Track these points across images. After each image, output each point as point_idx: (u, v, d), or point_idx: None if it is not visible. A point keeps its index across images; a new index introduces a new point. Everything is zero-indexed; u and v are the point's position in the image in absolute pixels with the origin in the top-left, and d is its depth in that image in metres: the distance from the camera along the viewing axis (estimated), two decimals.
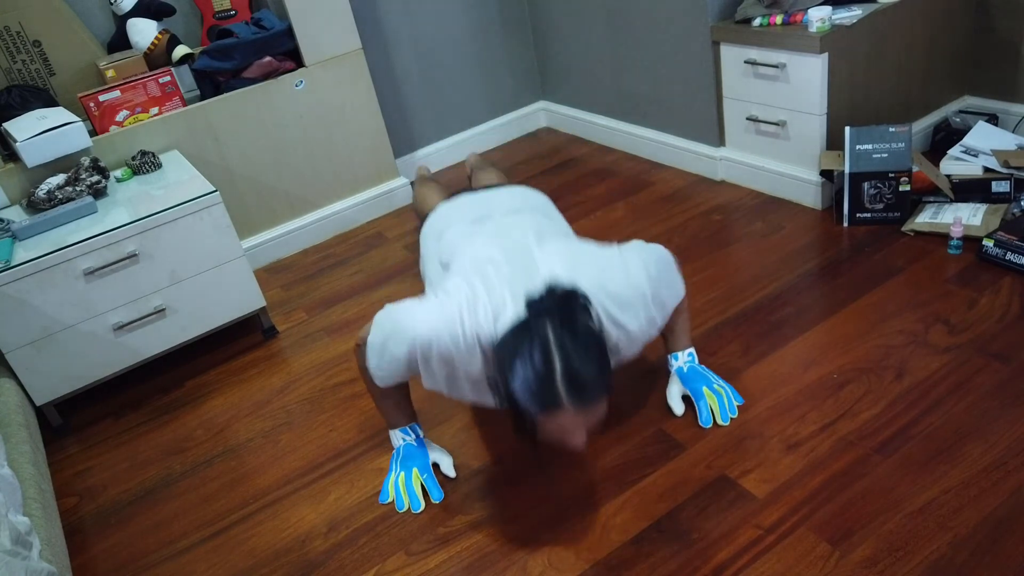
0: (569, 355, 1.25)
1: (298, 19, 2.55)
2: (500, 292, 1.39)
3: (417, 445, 1.69)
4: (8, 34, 2.37)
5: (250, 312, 2.27)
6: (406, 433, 1.70)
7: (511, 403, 1.31)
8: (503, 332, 1.33)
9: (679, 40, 2.56)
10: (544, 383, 1.24)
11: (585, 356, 1.26)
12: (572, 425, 1.29)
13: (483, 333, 1.37)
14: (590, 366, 1.26)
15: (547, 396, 1.25)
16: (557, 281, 1.36)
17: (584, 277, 1.42)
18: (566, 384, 1.24)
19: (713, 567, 1.37)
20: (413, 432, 1.70)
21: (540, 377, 1.24)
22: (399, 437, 1.70)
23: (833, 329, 1.87)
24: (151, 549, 1.68)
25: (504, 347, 1.30)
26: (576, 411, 1.26)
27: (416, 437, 1.70)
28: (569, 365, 1.24)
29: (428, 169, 2.84)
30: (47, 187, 2.18)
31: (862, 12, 2.18)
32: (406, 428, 1.70)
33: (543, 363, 1.24)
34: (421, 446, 1.70)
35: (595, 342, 1.30)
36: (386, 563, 1.52)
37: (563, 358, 1.24)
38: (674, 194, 2.65)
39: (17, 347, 1.97)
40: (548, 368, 1.24)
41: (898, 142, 2.12)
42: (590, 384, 1.26)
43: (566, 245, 1.52)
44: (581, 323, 1.30)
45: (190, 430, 2.02)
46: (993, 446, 1.48)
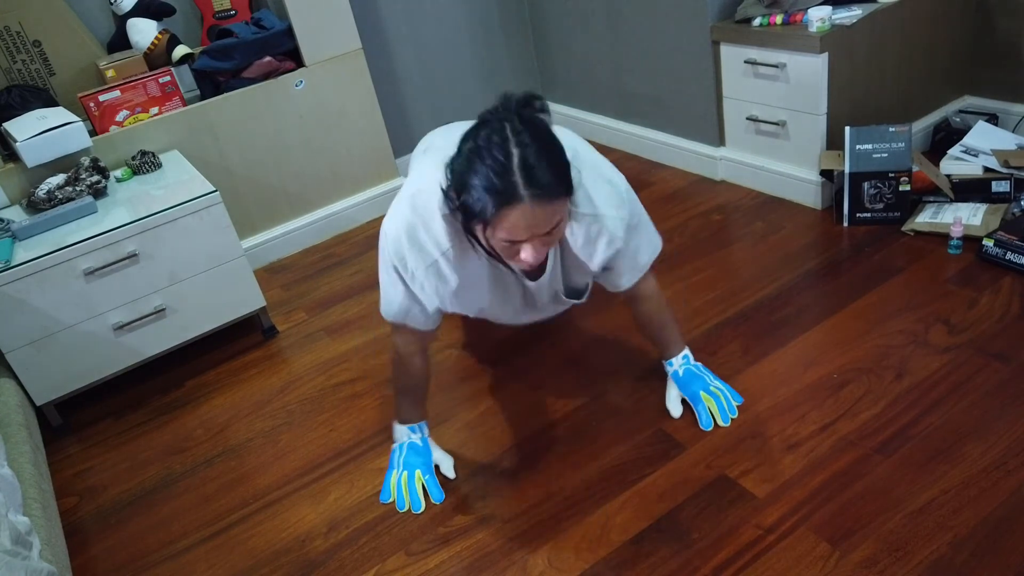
0: (526, 146, 1.20)
1: (298, 19, 2.55)
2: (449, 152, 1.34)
3: (422, 445, 1.70)
4: (8, 34, 2.37)
5: (250, 312, 2.27)
6: (413, 431, 1.70)
7: (464, 210, 1.26)
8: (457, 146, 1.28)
9: (679, 40, 2.56)
10: (501, 172, 1.19)
11: (543, 149, 1.22)
12: (529, 223, 1.22)
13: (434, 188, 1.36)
14: (548, 158, 1.22)
15: (504, 185, 1.19)
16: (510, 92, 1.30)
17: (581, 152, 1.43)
18: (523, 173, 1.19)
19: (713, 567, 1.37)
20: (420, 431, 1.70)
21: (497, 166, 1.19)
22: (405, 433, 1.70)
23: (833, 329, 1.87)
24: (151, 549, 1.68)
25: (459, 151, 1.26)
26: (533, 204, 1.20)
27: (422, 437, 1.70)
28: (525, 155, 1.19)
29: None
30: (47, 187, 2.18)
31: (862, 12, 2.18)
32: (414, 426, 1.70)
33: (501, 152, 1.19)
34: (425, 446, 1.70)
35: (554, 141, 1.25)
36: (386, 563, 1.52)
37: (520, 147, 1.20)
38: (674, 194, 2.65)
39: (17, 347, 1.97)
40: (506, 157, 1.19)
41: (898, 142, 2.12)
42: (548, 175, 1.21)
43: None
44: (540, 121, 1.26)
45: (190, 430, 2.02)
46: (993, 446, 1.48)
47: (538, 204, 1.21)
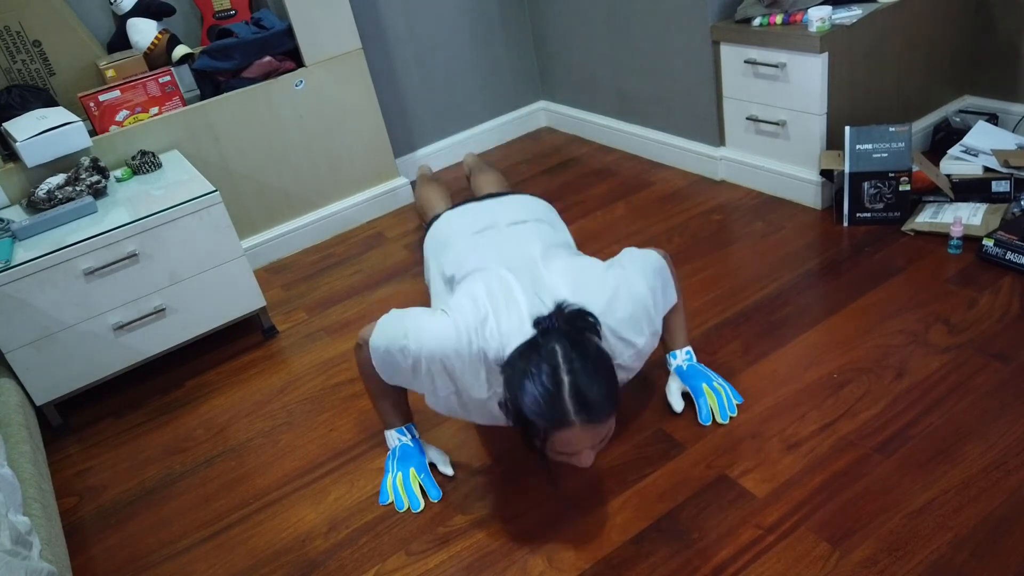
0: (577, 372, 1.28)
1: (298, 19, 2.55)
2: (508, 311, 1.41)
3: (413, 445, 1.70)
4: (8, 34, 2.37)
5: (250, 312, 2.27)
6: (402, 433, 1.70)
7: (519, 421, 1.32)
8: (511, 351, 1.35)
9: (679, 40, 2.56)
10: (552, 400, 1.27)
11: (593, 373, 1.29)
12: (580, 441, 1.31)
13: (490, 351, 1.39)
14: (598, 383, 1.29)
15: (556, 412, 1.27)
16: (565, 301, 1.39)
17: (590, 297, 1.44)
18: (574, 401, 1.27)
19: (713, 567, 1.37)
20: (409, 432, 1.70)
21: (549, 394, 1.27)
22: (395, 438, 1.70)
23: (833, 329, 1.87)
24: (151, 549, 1.68)
25: (513, 366, 1.32)
26: (584, 427, 1.28)
27: (412, 437, 1.70)
28: (577, 382, 1.27)
29: (430, 168, 2.84)
30: (47, 187, 2.18)
31: (862, 12, 2.18)
32: (402, 429, 1.70)
33: (551, 380, 1.27)
34: (417, 446, 1.70)
35: (603, 359, 1.33)
36: (386, 563, 1.52)
37: (571, 375, 1.27)
38: (674, 194, 2.65)
39: (17, 347, 1.97)
40: (556, 385, 1.27)
41: (898, 142, 2.12)
42: (598, 400, 1.28)
43: (571, 263, 1.54)
44: (589, 342, 1.33)
45: (190, 430, 2.02)
46: (993, 446, 1.48)
47: (589, 427, 1.29)
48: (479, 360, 1.40)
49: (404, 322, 1.48)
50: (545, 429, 1.29)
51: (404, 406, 1.71)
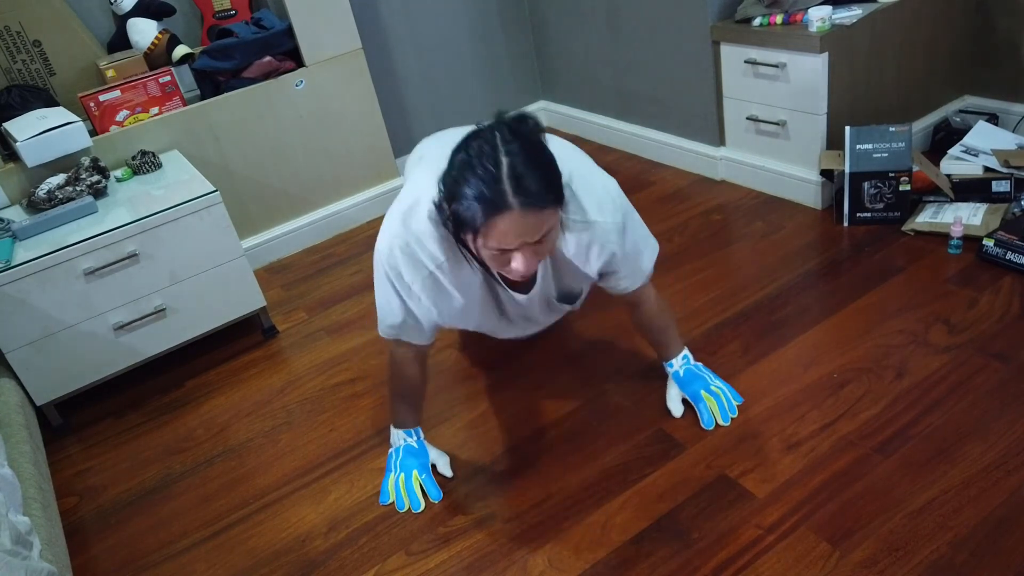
0: (514, 153, 1.21)
1: (298, 19, 2.55)
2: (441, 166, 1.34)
3: (417, 447, 1.70)
4: (8, 34, 2.37)
5: (250, 312, 2.27)
6: (408, 435, 1.70)
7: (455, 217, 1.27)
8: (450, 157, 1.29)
9: (679, 40, 2.56)
10: (490, 182, 1.20)
11: (533, 156, 1.22)
12: (517, 231, 1.22)
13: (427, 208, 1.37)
14: (538, 165, 1.23)
15: (493, 197, 1.20)
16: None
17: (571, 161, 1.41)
18: (512, 182, 1.19)
19: (713, 567, 1.37)
20: (415, 435, 1.71)
21: (487, 175, 1.20)
22: (400, 437, 1.70)
23: (833, 329, 1.87)
24: (151, 549, 1.68)
25: (451, 167, 1.26)
26: (522, 212, 1.20)
27: (417, 439, 1.70)
28: (514, 162, 1.20)
29: None
30: (47, 187, 2.18)
31: (862, 12, 2.18)
32: (410, 430, 1.70)
33: (491, 161, 1.20)
34: (421, 447, 1.70)
35: (543, 148, 1.26)
36: (386, 563, 1.52)
37: (509, 155, 1.20)
38: (674, 194, 2.65)
39: (17, 347, 1.97)
40: (495, 165, 1.20)
41: (898, 142, 2.12)
42: (537, 183, 1.21)
43: None
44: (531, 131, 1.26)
45: (190, 430, 2.02)
46: (993, 446, 1.48)
47: (528, 212, 1.21)
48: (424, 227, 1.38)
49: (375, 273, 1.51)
50: (482, 220, 1.21)
51: (418, 409, 1.71)
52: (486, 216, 1.21)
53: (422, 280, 1.44)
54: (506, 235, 1.23)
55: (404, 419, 1.70)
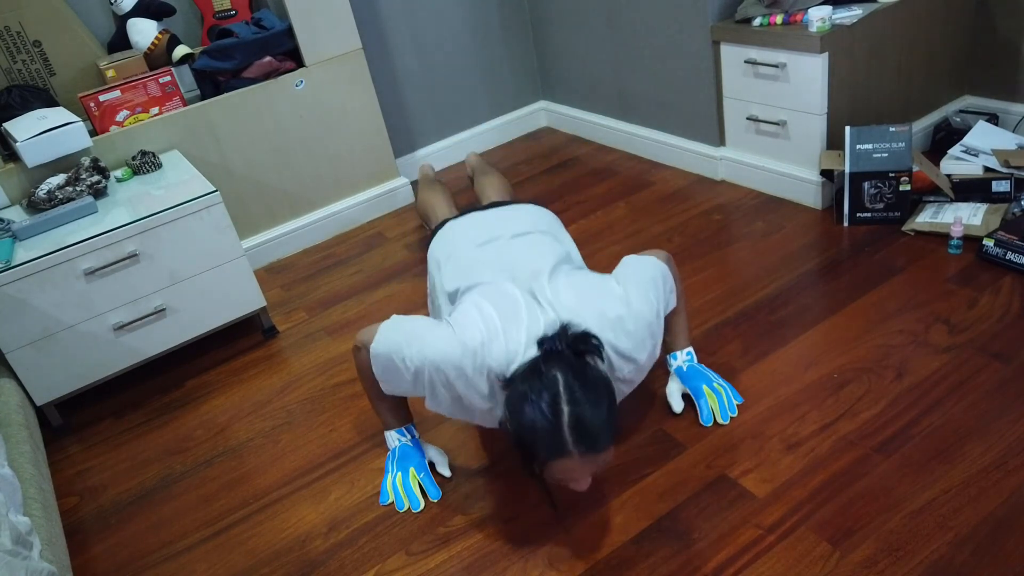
0: (578, 402, 1.27)
1: (298, 19, 2.55)
2: (513, 328, 1.40)
3: (413, 445, 1.70)
4: (8, 34, 2.37)
5: (250, 312, 2.27)
6: (401, 434, 1.70)
7: (518, 444, 1.32)
8: (514, 371, 1.35)
9: (679, 40, 2.56)
10: (552, 430, 1.26)
11: (594, 404, 1.28)
12: (578, 470, 1.30)
13: (494, 368, 1.38)
14: (599, 415, 1.28)
15: (554, 443, 1.26)
16: (569, 322, 1.38)
17: (594, 316, 1.43)
18: (573, 432, 1.26)
19: (713, 567, 1.37)
20: (408, 433, 1.71)
21: (548, 424, 1.26)
22: (394, 438, 1.70)
23: (833, 329, 1.87)
24: (151, 549, 1.68)
25: (514, 388, 1.32)
26: (582, 458, 1.28)
27: (412, 438, 1.70)
28: (577, 413, 1.26)
29: (432, 168, 2.84)
30: (47, 187, 2.18)
31: (862, 12, 2.18)
32: (401, 429, 1.70)
33: (551, 410, 1.26)
34: (416, 446, 1.70)
35: (605, 389, 1.32)
36: (386, 563, 1.52)
37: (571, 404, 1.26)
38: (674, 194, 2.65)
39: (17, 347, 1.97)
40: (556, 415, 1.26)
41: (898, 142, 2.12)
42: (597, 432, 1.28)
43: (575, 280, 1.52)
44: (592, 369, 1.33)
45: (190, 430, 2.02)
46: (993, 446, 1.48)
47: (588, 457, 1.28)
48: (482, 375, 1.39)
49: (407, 331, 1.48)
50: (543, 461, 1.29)
51: (403, 408, 1.71)
52: (547, 459, 1.29)
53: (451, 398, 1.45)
54: (566, 472, 1.31)
55: (390, 420, 1.70)
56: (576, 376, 1.29)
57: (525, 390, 1.29)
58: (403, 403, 1.71)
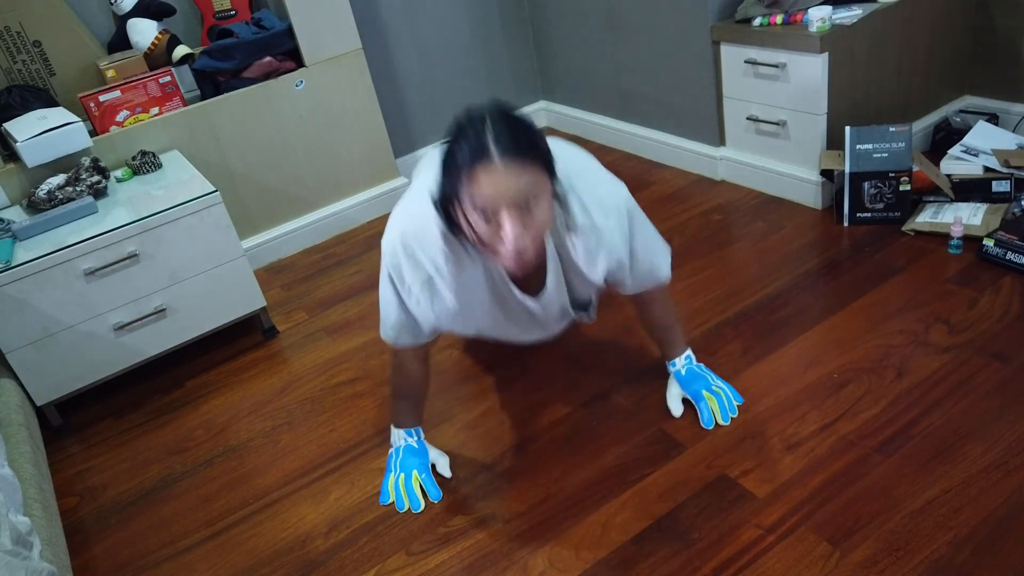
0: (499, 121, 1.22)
1: (298, 19, 2.55)
2: None
3: (417, 447, 1.70)
4: (8, 34, 2.37)
5: (250, 312, 2.27)
6: (409, 435, 1.70)
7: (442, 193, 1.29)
8: None
9: (679, 40, 2.56)
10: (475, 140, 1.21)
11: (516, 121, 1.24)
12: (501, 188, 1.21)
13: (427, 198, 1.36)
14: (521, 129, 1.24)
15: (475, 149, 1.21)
16: None
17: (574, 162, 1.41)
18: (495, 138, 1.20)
19: (713, 567, 1.37)
20: (416, 435, 1.71)
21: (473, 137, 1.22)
22: (401, 437, 1.70)
23: (833, 329, 1.87)
24: (151, 549, 1.68)
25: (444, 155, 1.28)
26: (503, 162, 1.20)
27: (417, 439, 1.70)
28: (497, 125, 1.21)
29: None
30: (47, 187, 2.18)
31: (862, 12, 2.18)
32: (410, 430, 1.70)
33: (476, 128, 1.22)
34: (421, 448, 1.70)
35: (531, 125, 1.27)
36: (387, 563, 1.52)
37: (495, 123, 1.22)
38: (674, 194, 2.65)
39: (17, 347, 1.97)
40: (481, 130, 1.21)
41: (898, 142, 2.12)
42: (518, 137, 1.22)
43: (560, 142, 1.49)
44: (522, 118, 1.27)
45: (190, 430, 2.02)
46: (993, 446, 1.48)
47: (509, 166, 1.20)
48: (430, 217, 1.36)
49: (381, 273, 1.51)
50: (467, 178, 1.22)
51: (419, 408, 1.71)
52: (469, 172, 1.21)
53: (421, 283, 1.44)
54: (491, 196, 1.21)
55: (405, 418, 1.70)
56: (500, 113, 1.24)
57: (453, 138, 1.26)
58: (421, 406, 1.71)
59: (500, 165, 1.20)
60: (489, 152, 1.20)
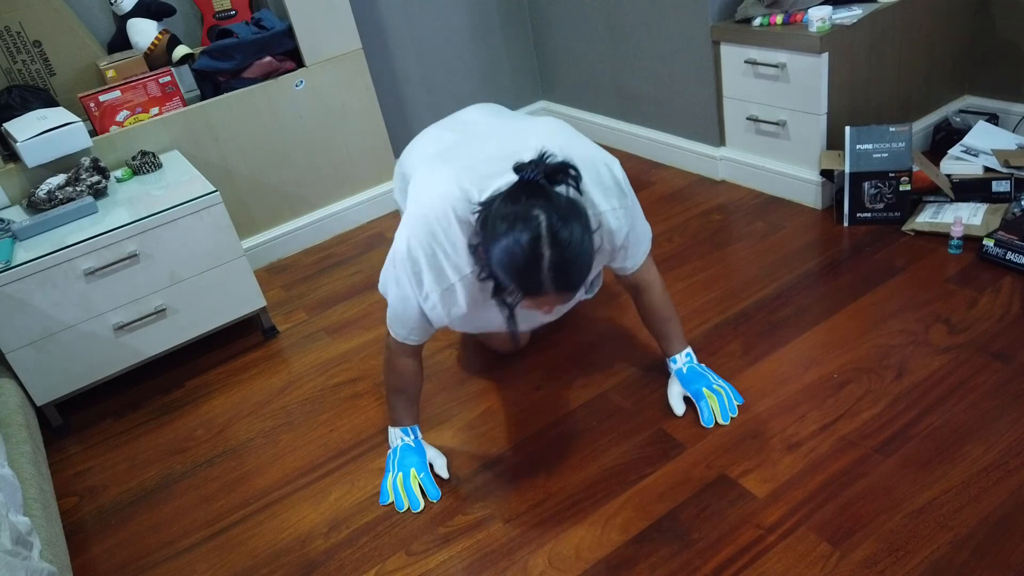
0: (560, 245, 1.20)
1: (298, 19, 2.55)
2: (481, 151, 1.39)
3: (415, 446, 1.70)
4: (8, 34, 2.37)
5: (250, 312, 2.27)
6: (406, 433, 1.70)
7: (493, 276, 1.29)
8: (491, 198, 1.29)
9: (679, 40, 2.56)
10: (530, 271, 1.21)
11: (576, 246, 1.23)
12: (551, 304, 1.28)
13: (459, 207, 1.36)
14: (579, 256, 1.23)
15: (531, 284, 1.23)
16: (547, 151, 1.30)
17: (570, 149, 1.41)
18: (552, 274, 1.21)
19: (713, 567, 1.37)
20: (413, 433, 1.71)
21: (527, 264, 1.20)
22: (398, 436, 1.70)
23: (833, 329, 1.87)
24: (151, 549, 1.68)
25: (491, 218, 1.25)
26: (558, 296, 1.25)
27: (415, 438, 1.70)
28: (557, 256, 1.20)
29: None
30: (47, 187, 2.18)
31: (862, 12, 2.18)
32: (407, 429, 1.70)
33: (531, 252, 1.20)
34: (419, 447, 1.70)
35: (585, 226, 1.26)
36: (386, 563, 1.52)
37: (553, 248, 1.20)
38: (674, 194, 2.65)
39: (17, 347, 1.97)
40: (536, 258, 1.20)
41: (898, 142, 2.12)
42: (577, 274, 1.24)
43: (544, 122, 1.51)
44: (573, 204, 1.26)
45: (190, 430, 2.02)
46: (993, 446, 1.48)
47: (563, 296, 1.26)
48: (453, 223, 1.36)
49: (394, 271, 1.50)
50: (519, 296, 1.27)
51: (415, 405, 1.71)
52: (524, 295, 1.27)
53: (441, 292, 1.44)
54: (541, 306, 1.29)
55: (401, 416, 1.70)
56: (558, 215, 1.21)
57: (504, 226, 1.22)
58: (416, 402, 1.71)
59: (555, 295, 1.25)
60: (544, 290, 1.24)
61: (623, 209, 1.47)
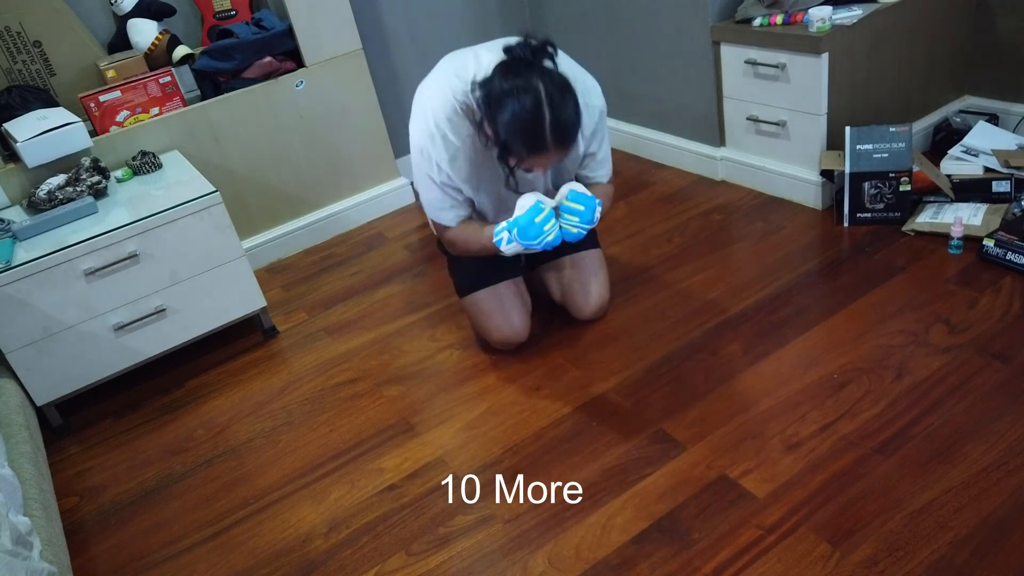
0: (556, 106, 1.47)
1: (298, 19, 2.55)
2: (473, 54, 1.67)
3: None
4: (8, 34, 2.37)
5: (250, 312, 2.27)
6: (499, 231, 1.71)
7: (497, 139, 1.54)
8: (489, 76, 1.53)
9: (679, 40, 2.56)
10: (536, 129, 1.48)
11: (568, 106, 1.50)
12: (550, 161, 1.56)
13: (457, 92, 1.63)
14: (572, 115, 1.51)
15: (536, 141, 1.49)
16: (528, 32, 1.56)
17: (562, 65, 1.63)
18: (553, 131, 1.48)
19: (713, 567, 1.37)
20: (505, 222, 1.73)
21: (532, 124, 1.47)
22: (500, 230, 1.69)
23: (833, 329, 1.87)
24: (151, 549, 1.68)
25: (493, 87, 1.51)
26: (557, 151, 1.52)
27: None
28: (556, 116, 1.47)
29: None
30: (47, 187, 2.18)
31: (862, 12, 2.18)
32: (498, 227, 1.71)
33: (534, 111, 1.46)
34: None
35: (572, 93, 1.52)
36: (386, 563, 1.52)
37: (551, 109, 1.47)
38: (674, 194, 2.65)
39: (18, 347, 1.97)
40: (539, 117, 1.47)
41: (898, 142, 2.12)
42: (572, 130, 1.52)
43: None
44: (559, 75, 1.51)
45: (190, 430, 2.02)
46: (993, 446, 1.48)
47: (561, 151, 1.53)
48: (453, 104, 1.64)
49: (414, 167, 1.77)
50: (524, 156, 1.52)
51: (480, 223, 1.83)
52: (528, 154, 1.52)
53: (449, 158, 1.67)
54: (541, 165, 1.57)
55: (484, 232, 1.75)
56: (552, 82, 1.48)
57: (507, 89, 1.48)
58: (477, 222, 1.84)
59: (555, 152, 1.52)
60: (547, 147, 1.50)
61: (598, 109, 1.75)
